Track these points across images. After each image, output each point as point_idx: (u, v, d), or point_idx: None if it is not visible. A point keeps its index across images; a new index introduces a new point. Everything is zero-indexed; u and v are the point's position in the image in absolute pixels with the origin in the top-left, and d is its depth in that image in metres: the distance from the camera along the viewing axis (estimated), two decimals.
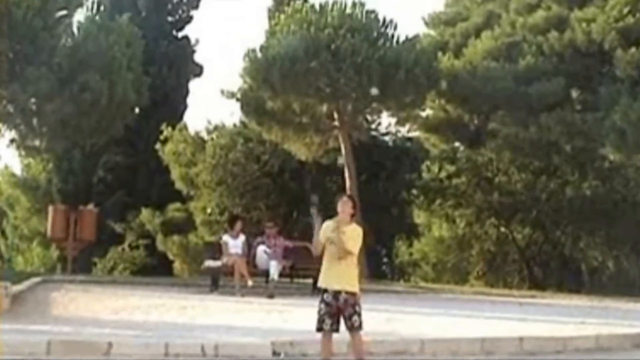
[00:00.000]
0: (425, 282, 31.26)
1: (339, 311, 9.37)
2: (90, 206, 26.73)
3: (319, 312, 9.46)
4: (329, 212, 9.74)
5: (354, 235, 9.49)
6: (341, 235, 9.40)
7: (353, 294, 9.42)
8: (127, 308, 15.28)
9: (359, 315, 9.41)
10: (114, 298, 16.98)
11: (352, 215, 9.64)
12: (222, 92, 27.05)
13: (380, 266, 33.40)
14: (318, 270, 19.68)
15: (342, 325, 9.43)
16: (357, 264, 9.79)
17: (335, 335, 9.51)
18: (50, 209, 26.70)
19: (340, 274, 9.44)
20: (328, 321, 9.40)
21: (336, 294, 9.37)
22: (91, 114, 21.87)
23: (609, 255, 31.24)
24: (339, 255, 9.45)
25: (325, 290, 9.46)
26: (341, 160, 25.61)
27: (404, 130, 30.13)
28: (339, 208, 9.66)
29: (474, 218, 31.73)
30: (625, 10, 23.52)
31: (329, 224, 9.69)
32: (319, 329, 9.47)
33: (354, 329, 9.39)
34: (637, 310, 19.03)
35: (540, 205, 30.19)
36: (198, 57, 38.55)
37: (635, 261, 29.85)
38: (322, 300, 9.45)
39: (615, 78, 23.65)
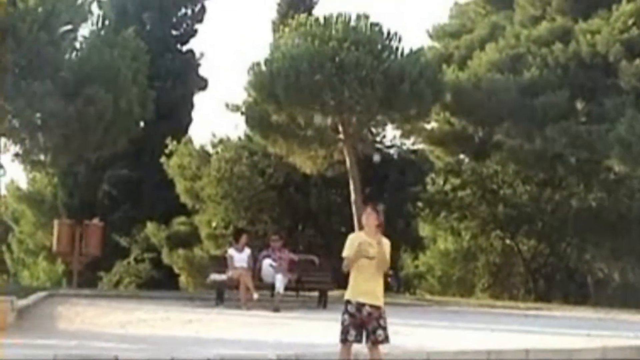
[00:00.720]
0: (430, 295, 31.24)
1: (362, 323, 9.35)
2: (96, 220, 26.75)
3: (342, 323, 9.45)
4: (333, 226, 9.74)
5: (385, 247, 9.46)
6: (370, 248, 9.37)
7: (377, 308, 9.41)
8: (132, 322, 15.28)
9: (384, 329, 9.41)
10: (120, 312, 16.97)
11: (378, 226, 9.58)
12: (227, 105, 27.07)
13: (386, 279, 33.36)
14: (323, 283, 19.80)
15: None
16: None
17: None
18: (56, 223, 26.74)
19: (369, 288, 9.43)
20: (352, 332, 9.39)
21: (360, 306, 9.35)
22: (96, 128, 21.87)
23: (614, 267, 31.23)
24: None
25: (349, 302, 9.44)
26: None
27: (408, 143, 30.12)
28: (364, 220, 9.61)
29: (479, 230, 31.74)
30: (630, 22, 23.52)
31: (355, 236, 9.66)
32: (343, 340, 9.45)
33: (378, 342, 9.38)
34: None
35: (545, 217, 30.19)
36: (203, 71, 38.71)
37: None
38: (346, 311, 9.44)
39: (620, 90, 23.64)
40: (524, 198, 30.73)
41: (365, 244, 9.46)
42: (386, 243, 9.53)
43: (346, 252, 9.52)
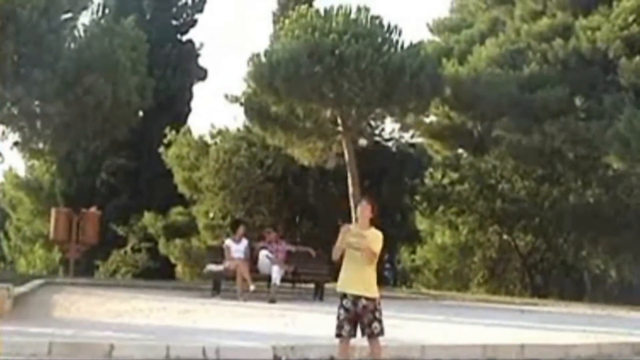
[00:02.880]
0: (427, 289, 31.27)
1: (357, 317, 9.35)
2: (93, 209, 26.70)
3: (338, 317, 9.44)
4: (331, 218, 9.75)
5: (374, 239, 9.47)
6: (363, 239, 9.37)
7: (372, 300, 9.40)
8: (128, 311, 15.28)
9: (380, 321, 9.40)
10: (116, 301, 16.97)
11: (371, 220, 9.62)
12: (226, 96, 27.07)
13: (382, 272, 33.42)
14: (319, 276, 19.76)
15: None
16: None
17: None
18: (53, 211, 26.69)
19: (360, 279, 9.42)
20: (347, 327, 9.38)
21: (355, 299, 9.35)
22: (95, 117, 21.90)
23: (611, 264, 31.27)
24: (367, 260, 9.43)
25: (345, 296, 9.44)
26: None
27: (407, 136, 30.12)
28: (359, 213, 9.65)
29: (476, 225, 31.77)
30: (630, 19, 23.51)
31: (348, 228, 9.69)
32: (338, 334, 9.45)
33: (374, 335, 9.38)
34: (639, 319, 19.02)
35: (543, 212, 30.21)
36: (202, 61, 38.73)
37: (637, 269, 29.83)
38: (341, 306, 9.43)
39: (620, 86, 23.64)
40: (522, 193, 30.76)
41: (353, 235, 9.48)
42: (377, 235, 9.54)
43: (337, 242, 9.59)
